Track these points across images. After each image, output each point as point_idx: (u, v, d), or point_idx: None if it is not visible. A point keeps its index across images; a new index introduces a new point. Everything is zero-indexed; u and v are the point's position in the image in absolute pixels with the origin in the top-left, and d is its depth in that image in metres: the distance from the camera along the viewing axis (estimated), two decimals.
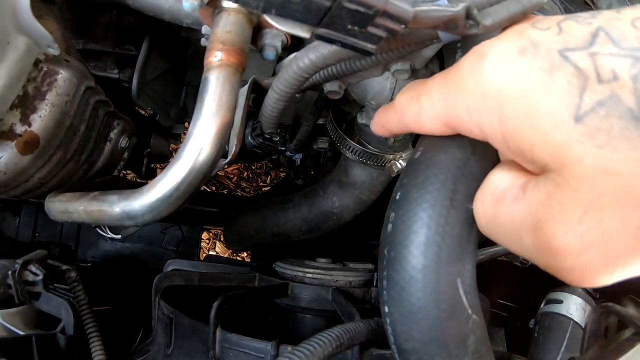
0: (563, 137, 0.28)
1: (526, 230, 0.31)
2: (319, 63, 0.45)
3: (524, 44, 0.31)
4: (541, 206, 0.30)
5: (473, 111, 0.33)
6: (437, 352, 0.35)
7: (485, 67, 0.32)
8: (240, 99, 0.60)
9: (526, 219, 0.31)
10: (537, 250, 0.31)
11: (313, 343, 0.42)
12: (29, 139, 0.58)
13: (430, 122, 0.37)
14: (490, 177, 0.35)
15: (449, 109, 0.35)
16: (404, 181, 0.38)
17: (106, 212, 0.49)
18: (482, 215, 0.35)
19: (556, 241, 0.29)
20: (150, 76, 0.86)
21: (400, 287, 0.35)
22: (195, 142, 0.44)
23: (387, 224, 0.37)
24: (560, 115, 0.28)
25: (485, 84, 0.32)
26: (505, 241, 0.34)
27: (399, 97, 0.41)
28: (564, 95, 0.28)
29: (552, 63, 0.29)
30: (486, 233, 0.35)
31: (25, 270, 0.71)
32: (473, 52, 0.34)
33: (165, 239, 1.38)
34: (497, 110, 0.31)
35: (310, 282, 0.81)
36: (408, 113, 0.39)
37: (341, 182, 0.82)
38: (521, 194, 0.32)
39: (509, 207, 0.33)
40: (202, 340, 0.64)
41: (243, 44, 0.46)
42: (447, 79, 0.35)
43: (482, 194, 0.35)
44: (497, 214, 0.33)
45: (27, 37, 0.54)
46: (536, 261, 0.33)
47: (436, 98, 0.36)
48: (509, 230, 0.33)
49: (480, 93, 0.32)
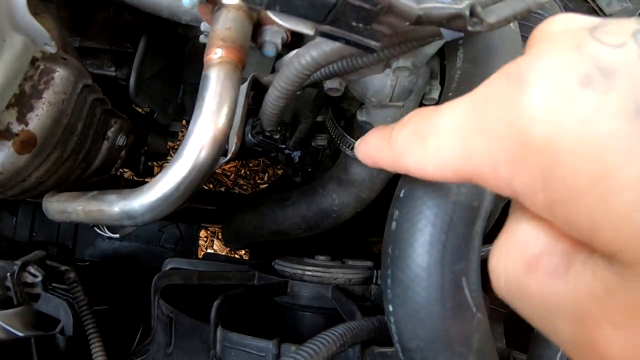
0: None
1: (565, 318, 0.24)
2: (321, 60, 0.45)
3: (589, 70, 0.21)
4: (594, 299, 0.22)
5: (502, 164, 0.23)
6: (442, 350, 0.35)
7: (527, 101, 0.22)
8: (240, 97, 0.59)
9: (568, 305, 0.23)
10: (577, 346, 0.24)
11: (317, 342, 0.42)
12: (26, 138, 0.58)
13: (437, 170, 0.28)
14: (517, 229, 0.26)
15: (466, 158, 0.26)
16: (407, 178, 0.38)
17: (105, 211, 0.49)
18: (504, 278, 0.27)
19: (610, 351, 0.22)
20: (148, 74, 0.86)
21: (405, 286, 0.35)
22: (195, 141, 0.44)
23: (391, 222, 0.37)
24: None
25: (527, 128, 0.22)
26: (529, 316, 0.27)
27: (397, 134, 0.31)
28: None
29: (637, 104, 0.19)
30: (504, 298, 0.28)
31: (24, 272, 0.70)
32: (506, 75, 0.24)
33: (163, 238, 1.38)
34: (544, 166, 0.21)
35: (309, 279, 0.81)
36: (408, 157, 0.30)
37: (341, 179, 0.82)
38: (564, 269, 0.23)
39: (544, 282, 0.24)
40: (203, 339, 0.64)
41: (243, 41, 0.46)
42: (464, 114, 0.26)
43: (505, 249, 0.27)
44: (527, 284, 0.25)
45: (23, 35, 0.54)
46: (568, 353, 0.25)
47: (448, 142, 0.27)
48: (539, 308, 0.25)
49: (517, 141, 0.22)
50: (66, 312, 0.73)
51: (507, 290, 0.27)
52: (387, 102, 0.63)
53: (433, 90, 0.65)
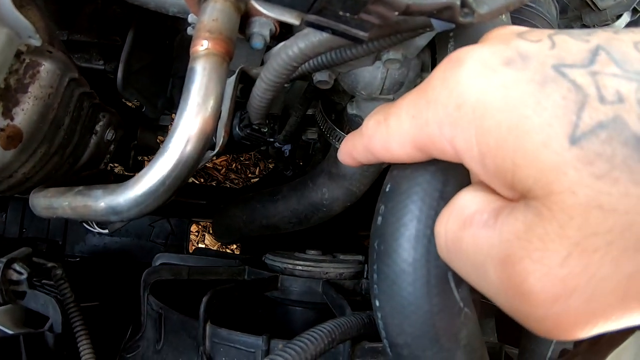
0: (555, 159, 0.24)
1: (493, 262, 0.27)
2: (309, 52, 0.44)
3: (511, 55, 0.27)
4: (516, 238, 0.26)
5: (446, 125, 0.29)
6: (429, 346, 0.35)
7: (462, 75, 0.28)
8: (227, 89, 0.59)
9: (494, 250, 0.27)
10: (503, 290, 0.27)
11: (304, 340, 0.41)
12: (12, 133, 0.57)
13: (399, 146, 0.33)
14: (458, 197, 0.31)
15: (419, 127, 0.31)
16: (393, 173, 0.37)
17: (91, 207, 0.48)
18: (443, 238, 0.31)
19: (529, 283, 0.25)
20: (136, 67, 0.85)
21: (390, 281, 0.34)
22: (181, 134, 0.43)
23: (377, 217, 0.36)
24: (553, 132, 0.24)
25: (461, 93, 0.28)
26: (465, 271, 0.31)
27: (366, 122, 0.36)
28: (558, 111, 0.24)
29: (544, 76, 0.25)
30: (445, 258, 0.32)
31: (9, 269, 0.69)
32: (447, 59, 0.30)
33: (153, 232, 1.37)
34: (475, 122, 0.27)
35: (300, 274, 0.81)
36: (375, 139, 0.35)
37: (331, 173, 0.82)
38: (492, 220, 0.28)
39: (475, 233, 0.29)
40: (192, 335, 0.64)
41: (230, 33, 0.45)
42: (417, 94, 0.31)
43: (446, 213, 0.32)
44: (461, 238, 0.30)
45: (7, 27, 0.53)
46: (498, 301, 0.28)
47: (405, 117, 0.32)
48: (472, 260, 0.29)
49: (454, 104, 0.28)
50: (55, 309, 0.72)
51: (446, 247, 0.31)
52: (377, 95, 0.62)
53: None
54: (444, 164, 0.34)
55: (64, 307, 0.73)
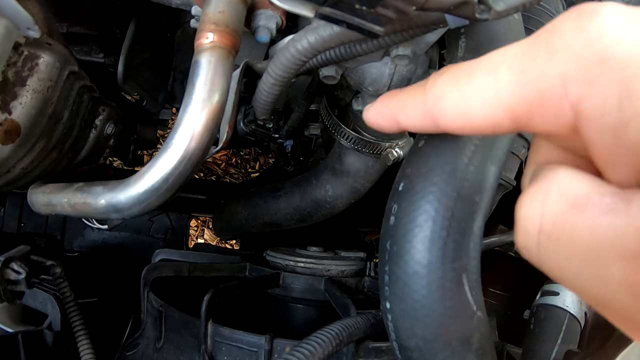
0: None
1: (619, 256, 0.22)
2: (318, 46, 0.43)
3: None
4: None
5: (576, 80, 0.23)
6: (441, 349, 0.34)
7: (605, 25, 0.23)
8: (232, 83, 0.57)
9: (627, 241, 0.22)
10: (630, 287, 0.22)
11: (313, 342, 0.41)
12: (10, 127, 0.56)
13: (487, 109, 0.26)
14: (555, 174, 0.25)
15: (529, 83, 0.25)
16: (407, 171, 0.36)
17: (91, 204, 0.47)
18: (538, 222, 0.25)
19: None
20: (137, 60, 0.83)
21: (403, 283, 0.33)
22: (185, 130, 0.42)
23: (390, 217, 0.35)
24: None
25: (607, 45, 0.22)
26: (565, 265, 0.25)
27: (434, 78, 0.29)
28: None
29: None
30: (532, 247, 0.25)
31: (7, 269, 0.68)
32: (577, 9, 0.24)
33: (153, 227, 1.36)
34: (623, 82, 0.22)
35: (302, 271, 0.80)
36: (447, 100, 0.28)
37: (335, 170, 0.81)
38: (623, 205, 0.22)
39: (596, 218, 0.23)
40: (193, 334, 0.63)
41: (236, 25, 0.44)
42: (531, 43, 0.25)
43: (541, 193, 0.25)
44: (572, 223, 0.24)
45: (6, 19, 0.51)
46: (615, 301, 0.24)
47: (506, 70, 0.26)
48: (584, 251, 0.23)
49: (597, 57, 0.22)
50: (54, 307, 0.71)
51: (542, 234, 0.25)
52: (384, 91, 0.61)
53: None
54: (461, 162, 0.33)
55: (63, 304, 0.72)
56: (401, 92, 0.32)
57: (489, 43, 0.47)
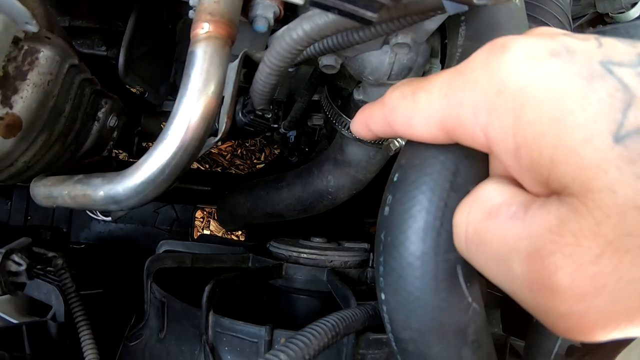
0: (596, 156, 0.23)
1: (519, 256, 0.26)
2: (314, 34, 0.43)
3: (558, 47, 0.26)
4: (548, 232, 0.25)
5: (482, 110, 0.27)
6: (436, 341, 0.34)
7: (506, 60, 0.27)
8: (230, 74, 0.57)
9: (523, 243, 0.26)
10: (528, 284, 0.26)
11: (307, 334, 0.40)
12: (11, 121, 0.56)
13: (424, 123, 0.32)
14: (481, 188, 0.31)
15: (450, 108, 0.29)
16: (402, 162, 0.36)
17: (90, 196, 0.47)
18: (464, 228, 0.30)
19: (558, 278, 0.25)
20: (138, 52, 0.83)
21: (397, 274, 0.33)
22: (180, 121, 0.42)
23: (384, 207, 0.35)
24: (597, 129, 0.23)
25: (504, 79, 0.27)
26: (485, 264, 0.29)
27: (390, 92, 0.35)
28: (603, 107, 0.23)
29: (591, 72, 0.25)
30: (463, 250, 0.31)
31: (8, 260, 0.68)
32: (491, 44, 0.29)
33: (158, 219, 1.36)
34: (515, 112, 0.26)
35: (305, 262, 0.80)
36: (398, 111, 0.34)
37: (336, 160, 0.80)
38: (522, 212, 0.27)
39: (502, 224, 0.28)
40: (195, 324, 0.63)
41: (233, 15, 0.43)
42: (454, 73, 0.30)
43: (468, 203, 0.31)
44: (485, 229, 0.29)
45: (3, 14, 0.51)
46: (520, 296, 0.28)
47: (436, 94, 0.31)
48: (495, 252, 0.28)
49: (495, 89, 0.27)
50: (57, 298, 0.72)
51: (467, 239, 0.30)
52: (384, 81, 0.61)
53: (433, 68, 0.62)
54: (456, 154, 0.32)
55: (66, 296, 0.72)
56: (372, 105, 0.38)
57: (489, 30, 0.47)
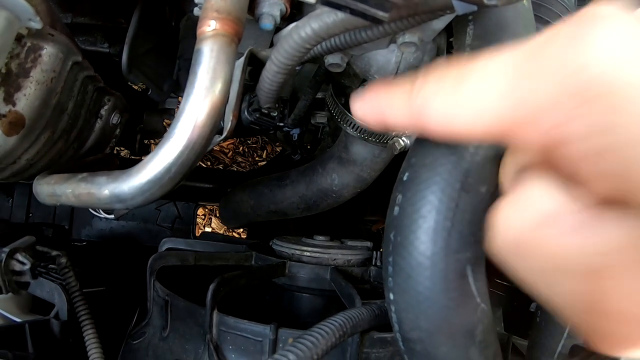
0: None
1: (574, 273, 0.23)
2: (322, 33, 0.42)
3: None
4: (620, 251, 0.22)
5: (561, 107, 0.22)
6: (444, 342, 0.34)
7: (603, 35, 0.21)
8: (236, 72, 0.57)
9: (582, 260, 0.23)
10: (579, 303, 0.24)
11: (315, 334, 0.40)
12: (14, 119, 0.56)
13: (474, 119, 0.25)
14: (527, 188, 0.26)
15: (518, 99, 0.24)
16: (412, 161, 0.35)
17: (94, 195, 0.47)
18: (506, 234, 0.26)
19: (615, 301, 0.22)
20: (142, 49, 0.83)
21: (406, 275, 0.33)
22: (187, 119, 0.42)
23: (394, 207, 0.35)
24: None
25: (599, 61, 0.21)
26: (526, 274, 0.26)
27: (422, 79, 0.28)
28: None
29: None
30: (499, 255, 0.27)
31: (12, 260, 0.68)
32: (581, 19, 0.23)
33: (160, 216, 1.36)
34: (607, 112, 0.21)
35: (308, 261, 0.79)
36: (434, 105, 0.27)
37: (341, 158, 0.80)
38: (584, 226, 0.23)
39: (559, 237, 0.24)
40: (199, 323, 0.63)
41: (239, 13, 0.43)
42: (525, 55, 0.24)
43: (514, 205, 0.26)
44: (537, 238, 0.25)
45: (6, 10, 0.51)
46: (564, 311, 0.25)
47: (496, 82, 0.24)
48: (543, 264, 0.25)
49: (587, 82, 0.21)
50: (60, 297, 0.72)
51: (508, 245, 0.26)
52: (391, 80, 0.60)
53: None
54: (468, 153, 0.32)
55: (69, 294, 0.72)
56: (390, 90, 0.30)
57: (497, 30, 0.46)
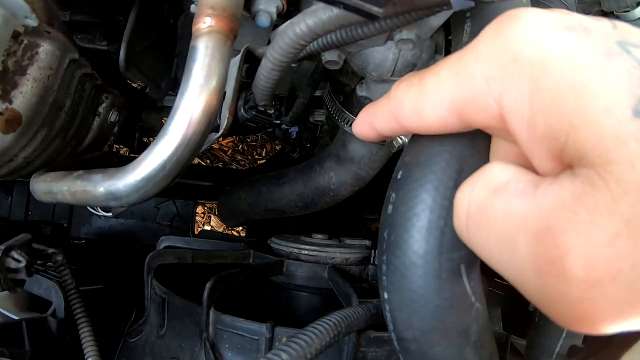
0: (617, 127, 0.22)
1: (527, 234, 0.25)
2: (317, 29, 0.42)
3: (573, 23, 0.26)
4: (561, 208, 0.23)
5: (496, 79, 0.26)
6: (438, 341, 0.33)
7: (521, 29, 0.26)
8: (232, 69, 0.57)
9: (531, 220, 0.25)
10: (535, 265, 0.25)
11: (309, 333, 0.40)
12: (11, 116, 0.55)
13: (434, 109, 0.30)
14: (487, 167, 0.29)
15: (462, 84, 0.28)
16: (405, 159, 0.35)
17: (90, 192, 0.47)
18: (466, 206, 0.29)
19: (570, 259, 0.23)
20: (139, 47, 0.83)
21: (400, 273, 0.33)
22: (182, 116, 0.42)
23: (388, 205, 0.35)
24: (617, 101, 0.22)
25: (520, 47, 0.26)
26: (485, 245, 0.28)
27: (396, 85, 0.33)
28: (622, 82, 0.23)
29: (608, 49, 0.24)
30: (462, 231, 0.30)
31: (8, 257, 0.68)
32: (501, 16, 0.28)
33: (159, 214, 1.36)
34: (532, 78, 0.25)
35: (306, 259, 0.79)
36: (405, 102, 0.32)
37: (339, 156, 0.80)
38: (531, 189, 0.25)
39: (509, 201, 0.26)
40: (196, 321, 0.63)
41: (235, 9, 0.43)
42: (464, 50, 0.29)
43: (473, 181, 0.29)
44: (490, 206, 0.27)
45: (2, 8, 0.51)
46: (524, 280, 0.26)
47: (446, 75, 0.29)
48: (499, 231, 0.26)
49: (510, 57, 0.26)
50: (57, 295, 0.72)
51: (467, 217, 0.29)
52: (388, 77, 0.60)
53: None
54: (461, 151, 0.32)
55: (66, 292, 0.72)
56: (375, 102, 0.36)
57: None
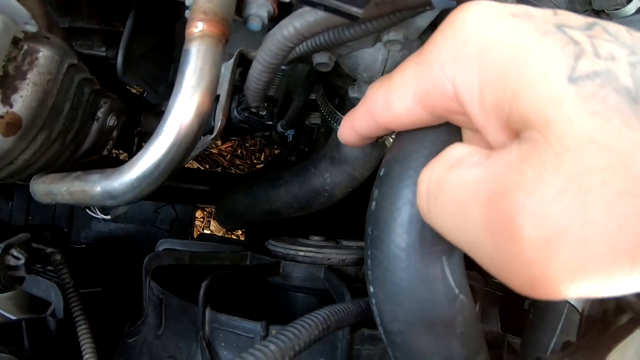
0: (554, 91, 0.24)
1: (478, 200, 0.26)
2: (305, 31, 0.43)
3: (518, 11, 0.28)
4: (509, 170, 0.25)
5: (449, 62, 0.29)
6: (423, 333, 0.34)
7: (469, 16, 0.29)
8: (225, 72, 0.58)
9: (482, 186, 0.26)
10: (487, 229, 0.26)
11: (298, 326, 0.41)
12: (11, 120, 0.57)
13: (401, 100, 0.32)
14: (446, 150, 0.31)
15: (421, 73, 0.31)
16: (387, 157, 0.36)
17: (87, 192, 0.48)
18: (426, 184, 0.30)
19: (520, 218, 0.24)
20: (137, 52, 0.84)
21: (384, 267, 0.34)
22: (174, 117, 0.43)
23: (372, 202, 0.36)
24: (553, 69, 0.25)
25: (468, 32, 0.28)
26: (442, 218, 0.29)
27: (371, 85, 0.36)
28: (557, 54, 0.25)
29: (547, 30, 0.26)
30: (424, 208, 0.31)
31: (7, 255, 0.69)
32: (456, 8, 0.31)
33: (158, 219, 1.37)
34: (479, 56, 0.28)
35: (302, 260, 0.80)
36: (377, 99, 0.35)
37: (333, 158, 0.81)
38: (484, 159, 0.27)
39: (463, 172, 0.28)
40: (192, 320, 0.64)
41: (226, 14, 0.44)
42: (424, 45, 0.32)
43: (433, 162, 0.31)
44: (446, 179, 0.29)
45: (3, 14, 0.52)
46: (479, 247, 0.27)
47: (409, 67, 0.32)
48: (453, 201, 0.28)
49: (460, 42, 0.29)
50: (56, 295, 0.72)
51: (427, 194, 0.30)
52: (378, 77, 0.61)
53: None
54: (439, 147, 0.33)
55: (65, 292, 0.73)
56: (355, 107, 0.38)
57: None
